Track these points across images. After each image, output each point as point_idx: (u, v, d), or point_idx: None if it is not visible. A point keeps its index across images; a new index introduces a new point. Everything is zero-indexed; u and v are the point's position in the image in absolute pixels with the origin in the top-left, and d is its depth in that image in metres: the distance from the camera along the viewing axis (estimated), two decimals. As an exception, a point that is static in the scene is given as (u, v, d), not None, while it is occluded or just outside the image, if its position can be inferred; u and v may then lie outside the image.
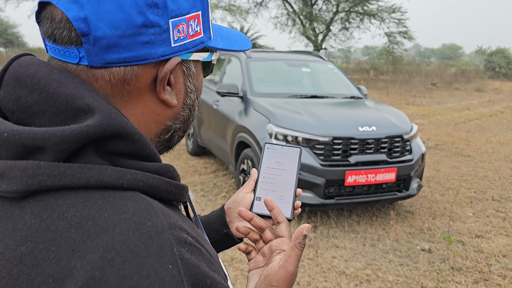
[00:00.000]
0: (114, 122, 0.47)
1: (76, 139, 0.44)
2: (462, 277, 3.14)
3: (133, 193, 0.47)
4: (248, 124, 4.28)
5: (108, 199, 0.44)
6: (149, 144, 0.51)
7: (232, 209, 0.86)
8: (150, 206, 0.46)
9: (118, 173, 0.46)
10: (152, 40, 0.50)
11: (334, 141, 3.76)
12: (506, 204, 4.71)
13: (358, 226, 3.99)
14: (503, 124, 10.36)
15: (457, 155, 6.97)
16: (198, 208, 4.30)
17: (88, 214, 0.42)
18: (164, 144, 0.62)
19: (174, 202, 0.55)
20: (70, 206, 0.43)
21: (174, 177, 0.54)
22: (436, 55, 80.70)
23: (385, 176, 3.83)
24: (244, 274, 3.08)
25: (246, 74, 4.94)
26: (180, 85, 0.58)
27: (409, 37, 21.46)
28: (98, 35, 0.47)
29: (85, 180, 0.44)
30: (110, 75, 0.50)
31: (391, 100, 14.75)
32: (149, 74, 0.52)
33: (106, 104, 0.48)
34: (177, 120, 0.60)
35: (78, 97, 0.47)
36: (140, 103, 0.55)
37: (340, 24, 22.41)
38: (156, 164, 0.51)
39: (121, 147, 0.48)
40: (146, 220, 0.44)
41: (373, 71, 25.46)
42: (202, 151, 6.39)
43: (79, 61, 0.49)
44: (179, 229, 0.46)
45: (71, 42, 0.48)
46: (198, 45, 0.57)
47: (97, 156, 0.47)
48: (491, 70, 30.47)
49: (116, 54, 0.49)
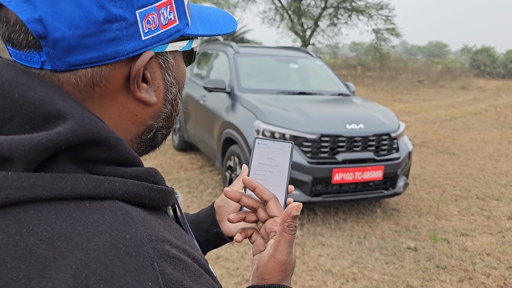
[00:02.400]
0: (88, 127, 0.43)
1: (46, 148, 0.41)
2: (447, 276, 3.15)
3: (111, 202, 0.43)
4: (235, 120, 4.23)
5: (83, 211, 0.41)
6: (128, 149, 0.47)
7: (222, 207, 0.83)
8: (129, 217, 0.42)
9: (94, 182, 0.42)
10: (118, 36, 0.45)
11: (322, 138, 3.73)
12: (490, 202, 4.76)
13: (345, 223, 3.98)
14: (487, 122, 10.50)
15: (442, 152, 7.03)
16: (184, 205, 4.24)
17: (61, 228, 0.39)
18: (147, 144, 0.57)
19: (159, 207, 0.51)
20: (41, 219, 0.39)
21: (158, 181, 0.50)
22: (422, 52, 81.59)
23: (372, 174, 3.82)
24: (230, 272, 3.05)
25: (234, 69, 4.88)
26: (158, 80, 0.53)
27: (396, 34, 21.62)
28: (57, 37, 0.43)
29: (58, 191, 0.40)
30: (77, 79, 0.46)
31: (378, 96, 14.83)
32: (121, 73, 0.48)
33: (78, 108, 0.44)
34: (158, 118, 0.56)
35: (47, 102, 0.43)
36: (115, 105, 0.50)
37: (328, 20, 22.45)
38: (136, 169, 0.47)
39: (98, 154, 0.44)
40: (124, 233, 0.40)
41: (361, 67, 25.60)
42: (188, 146, 6.32)
43: (42, 66, 0.45)
44: (161, 240, 0.42)
45: (30, 46, 0.44)
46: (173, 35, 0.52)
47: (71, 164, 0.43)
48: (476, 68, 30.90)
49: (80, 55, 0.44)
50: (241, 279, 2.97)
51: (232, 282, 2.93)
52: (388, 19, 21.06)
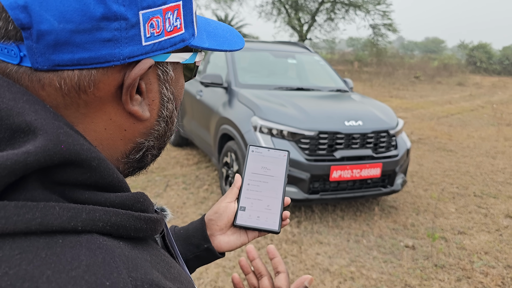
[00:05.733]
0: (64, 146, 0.36)
1: (11, 171, 0.33)
2: (445, 275, 3.13)
3: (89, 237, 0.36)
4: (232, 116, 4.17)
5: (54, 249, 0.33)
6: (112, 171, 0.40)
7: (213, 220, 0.76)
8: (110, 257, 0.35)
9: (69, 212, 0.35)
10: (115, 37, 0.39)
11: (320, 135, 3.69)
12: (487, 200, 4.75)
13: (342, 221, 3.95)
14: (483, 119, 10.50)
15: (439, 149, 7.01)
16: (180, 201, 4.19)
17: (26, 272, 0.31)
18: (135, 165, 0.51)
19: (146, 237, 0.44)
20: (1, 260, 0.32)
21: (145, 208, 0.43)
22: (419, 48, 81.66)
23: (370, 171, 3.78)
24: (226, 271, 3.01)
25: (231, 64, 4.81)
26: (154, 93, 0.47)
27: (393, 29, 21.59)
28: (43, 29, 0.36)
29: (24, 224, 0.33)
30: (61, 81, 0.39)
31: (375, 92, 14.81)
32: (113, 80, 0.41)
33: (53, 122, 0.37)
34: (149, 136, 0.49)
35: (16, 113, 0.36)
36: (102, 116, 0.43)
37: (326, 15, 22.39)
38: (121, 195, 0.40)
39: (75, 177, 0.38)
40: (104, 279, 0.33)
41: (358, 62, 25.58)
42: (184, 142, 6.26)
43: (20, 61, 0.38)
44: (149, 285, 0.36)
45: (9, 36, 0.37)
46: (177, 44, 0.46)
47: (42, 189, 0.36)
48: (473, 65, 30.99)
49: (68, 54, 0.38)
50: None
51: (228, 281, 2.89)
52: (385, 15, 21.02)
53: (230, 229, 0.76)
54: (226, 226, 0.76)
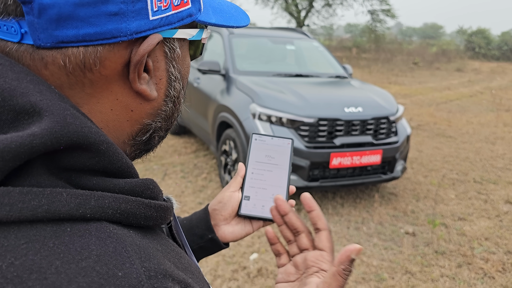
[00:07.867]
0: (71, 128, 0.34)
1: (15, 155, 0.31)
2: (445, 261, 3.12)
3: (98, 225, 0.34)
4: (230, 104, 4.12)
5: (62, 238, 0.32)
6: (121, 155, 0.38)
7: (217, 210, 0.74)
8: (122, 246, 0.33)
9: (77, 198, 0.33)
10: (122, 11, 0.36)
11: (320, 122, 3.65)
12: (487, 186, 4.74)
13: (342, 208, 3.93)
14: (482, 105, 10.47)
15: (439, 135, 6.99)
16: (178, 190, 4.16)
17: (33, 262, 0.30)
18: (141, 148, 0.48)
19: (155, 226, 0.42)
20: (7, 250, 0.30)
21: (155, 195, 0.41)
22: (417, 34, 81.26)
23: (370, 158, 3.75)
24: (226, 260, 2.99)
25: (229, 51, 4.74)
26: (161, 72, 0.44)
27: (391, 15, 21.46)
28: (45, 3, 0.33)
29: (30, 212, 0.31)
30: (65, 59, 0.36)
31: (374, 79, 14.73)
32: (119, 57, 0.39)
33: (59, 103, 0.35)
34: (157, 117, 0.46)
35: (19, 93, 0.34)
36: (108, 97, 0.41)
37: (323, 0, 22.18)
38: (130, 181, 0.38)
39: (83, 161, 0.35)
40: (116, 269, 0.31)
41: (356, 49, 25.41)
42: (182, 130, 6.21)
43: (21, 39, 0.35)
44: (162, 276, 0.34)
45: (8, 12, 0.34)
46: (184, 19, 0.43)
47: (48, 174, 0.34)
48: (471, 50, 30.85)
49: (72, 29, 0.35)
50: (237, 267, 2.91)
51: (229, 269, 2.88)
52: (384, 0, 20.83)
53: (235, 219, 0.74)
54: (231, 216, 0.73)
